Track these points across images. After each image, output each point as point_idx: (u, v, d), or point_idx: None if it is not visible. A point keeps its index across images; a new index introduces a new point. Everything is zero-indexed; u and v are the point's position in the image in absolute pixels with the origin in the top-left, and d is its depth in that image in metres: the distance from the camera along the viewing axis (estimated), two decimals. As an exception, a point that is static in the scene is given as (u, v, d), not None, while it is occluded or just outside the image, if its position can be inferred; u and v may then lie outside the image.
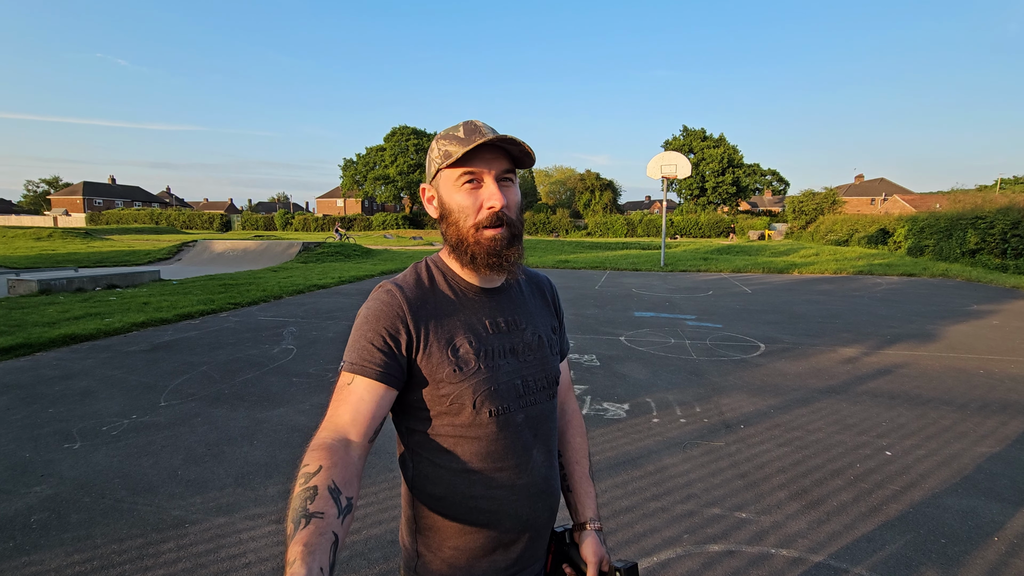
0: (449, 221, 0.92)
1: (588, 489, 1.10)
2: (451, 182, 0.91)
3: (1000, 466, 3.16)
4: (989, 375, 5.04)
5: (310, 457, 0.77)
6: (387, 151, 54.40)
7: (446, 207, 0.92)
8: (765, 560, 2.31)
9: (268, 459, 3.25)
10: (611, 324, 7.58)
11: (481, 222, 0.90)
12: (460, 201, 0.90)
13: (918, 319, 7.94)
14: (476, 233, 0.90)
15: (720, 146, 47.86)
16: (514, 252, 0.93)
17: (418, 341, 0.90)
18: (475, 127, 0.90)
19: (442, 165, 0.90)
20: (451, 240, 0.93)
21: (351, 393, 0.86)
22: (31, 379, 4.79)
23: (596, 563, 1.02)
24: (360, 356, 0.88)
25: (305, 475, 0.74)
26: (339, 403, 0.86)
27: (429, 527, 0.95)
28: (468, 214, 0.90)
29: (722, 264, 16.91)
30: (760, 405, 4.22)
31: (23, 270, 14.92)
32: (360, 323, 0.91)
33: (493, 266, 0.92)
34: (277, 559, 2.30)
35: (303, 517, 0.67)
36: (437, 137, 0.94)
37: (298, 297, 10.04)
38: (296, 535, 0.65)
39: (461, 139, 0.89)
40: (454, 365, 0.90)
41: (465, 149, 0.86)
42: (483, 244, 0.90)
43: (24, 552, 2.33)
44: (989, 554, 2.34)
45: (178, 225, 52.63)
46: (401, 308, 0.91)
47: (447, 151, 0.90)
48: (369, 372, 0.87)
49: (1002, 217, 15.22)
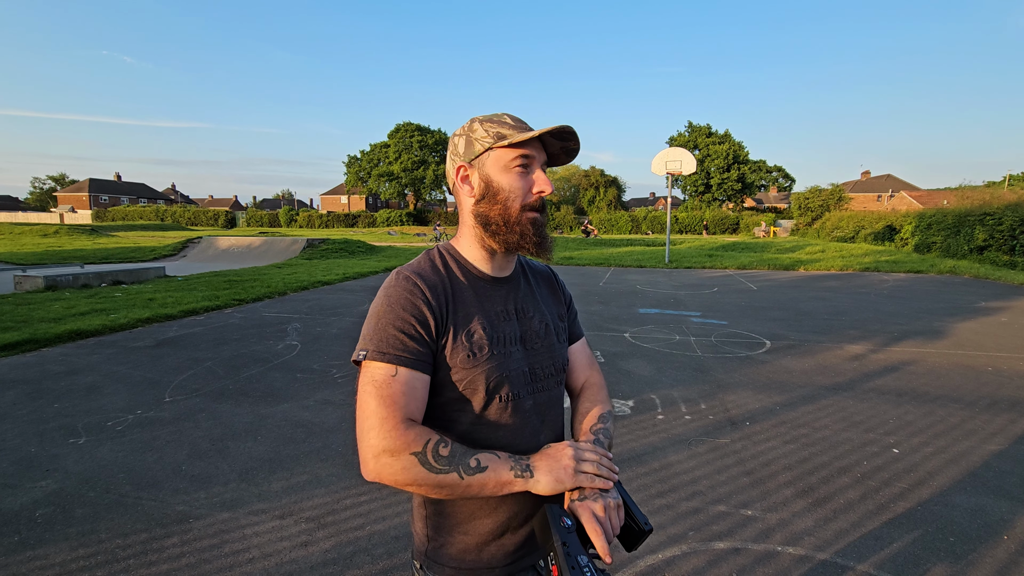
0: (497, 199, 0.94)
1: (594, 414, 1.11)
2: (503, 163, 0.93)
3: (1009, 464, 3.13)
4: (998, 372, 4.99)
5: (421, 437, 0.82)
6: (391, 148, 54.34)
7: (494, 186, 0.94)
8: (771, 558, 2.29)
9: (272, 455, 3.25)
10: (616, 321, 7.55)
11: (530, 203, 0.94)
12: (511, 182, 0.93)
13: (925, 316, 7.88)
14: (522, 213, 0.94)
15: (725, 142, 47.59)
16: (550, 236, 0.99)
17: (442, 327, 0.92)
18: (519, 120, 0.96)
19: (494, 144, 0.93)
20: (496, 219, 0.95)
21: (402, 383, 0.86)
22: (37, 374, 4.81)
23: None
24: (394, 347, 0.87)
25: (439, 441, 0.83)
26: (394, 395, 0.85)
27: (439, 512, 0.97)
28: (518, 195, 0.93)
29: (727, 261, 16.83)
30: (766, 402, 4.19)
31: (29, 266, 15.01)
32: (384, 311, 0.90)
33: (539, 245, 0.96)
34: (281, 554, 2.29)
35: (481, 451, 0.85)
36: (478, 120, 0.96)
37: (302, 293, 10.06)
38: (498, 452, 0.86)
39: (512, 125, 0.94)
40: (468, 351, 0.92)
41: (529, 134, 0.90)
42: (530, 224, 0.95)
43: (29, 546, 2.34)
44: (998, 553, 2.31)
45: (183, 222, 52.83)
46: (424, 294, 0.91)
47: (499, 133, 0.93)
48: (410, 362, 0.87)
49: (1011, 213, 15.06)
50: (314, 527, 2.50)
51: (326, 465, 3.12)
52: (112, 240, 26.68)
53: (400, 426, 0.82)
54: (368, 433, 0.82)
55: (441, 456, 0.81)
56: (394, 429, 0.81)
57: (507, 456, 0.85)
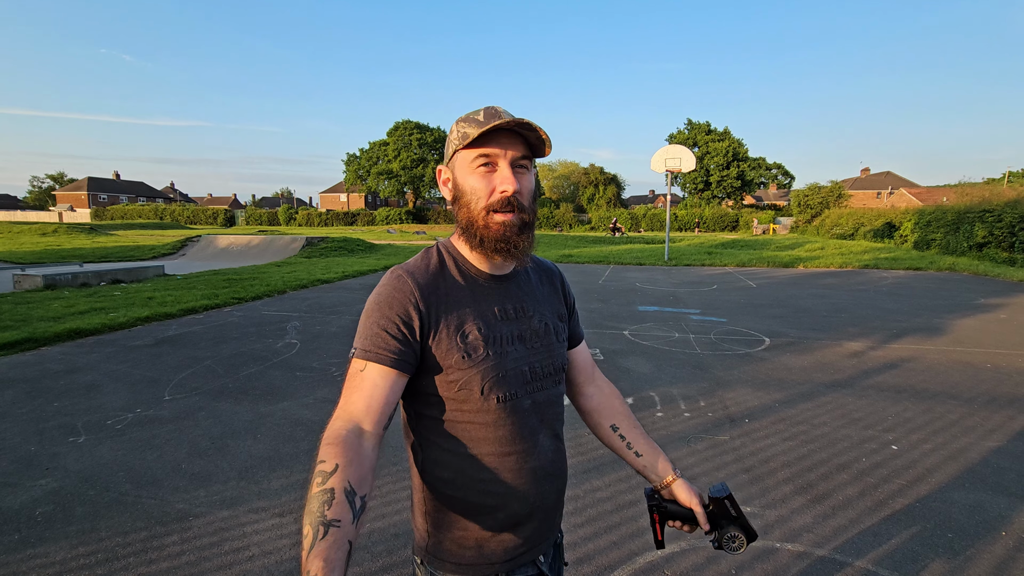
0: (461, 203, 0.92)
1: (655, 447, 1.13)
2: (466, 164, 0.91)
3: (1008, 460, 3.14)
4: (996, 369, 4.99)
5: (326, 452, 0.78)
6: (390, 146, 54.25)
7: (459, 188, 0.93)
8: (770, 554, 2.29)
9: (272, 453, 3.25)
10: (615, 318, 7.56)
11: (492, 205, 0.89)
12: (473, 183, 0.90)
13: (925, 313, 7.88)
14: (486, 216, 0.90)
15: (725, 139, 47.57)
16: (524, 240, 0.92)
17: (429, 326, 0.91)
18: (495, 112, 0.90)
19: (459, 146, 0.90)
20: (462, 222, 0.93)
21: (364, 380, 0.86)
22: (36, 373, 4.81)
23: (698, 503, 1.07)
24: (372, 342, 0.88)
25: (322, 473, 0.75)
26: (352, 391, 0.86)
27: (440, 510, 0.96)
28: (480, 196, 0.90)
29: (726, 258, 16.84)
30: (765, 399, 4.20)
31: (28, 265, 14.99)
32: (371, 309, 0.91)
33: (501, 251, 0.92)
34: (281, 552, 2.30)
35: (321, 525, 0.69)
36: (457, 120, 0.94)
37: (301, 292, 10.06)
38: (315, 547, 0.67)
39: (480, 122, 0.89)
40: (463, 351, 0.91)
41: (481, 130, 0.86)
42: (492, 228, 0.90)
43: (30, 544, 2.34)
44: (997, 549, 2.32)
45: (182, 220, 52.76)
46: (413, 293, 0.90)
47: (465, 132, 0.90)
48: (382, 359, 0.87)
49: (1010, 210, 15.06)
50: (314, 525, 2.50)
51: (326, 463, 3.12)
52: (111, 239, 26.65)
53: (335, 425, 0.82)
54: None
55: (310, 490, 0.74)
56: (329, 426, 0.83)
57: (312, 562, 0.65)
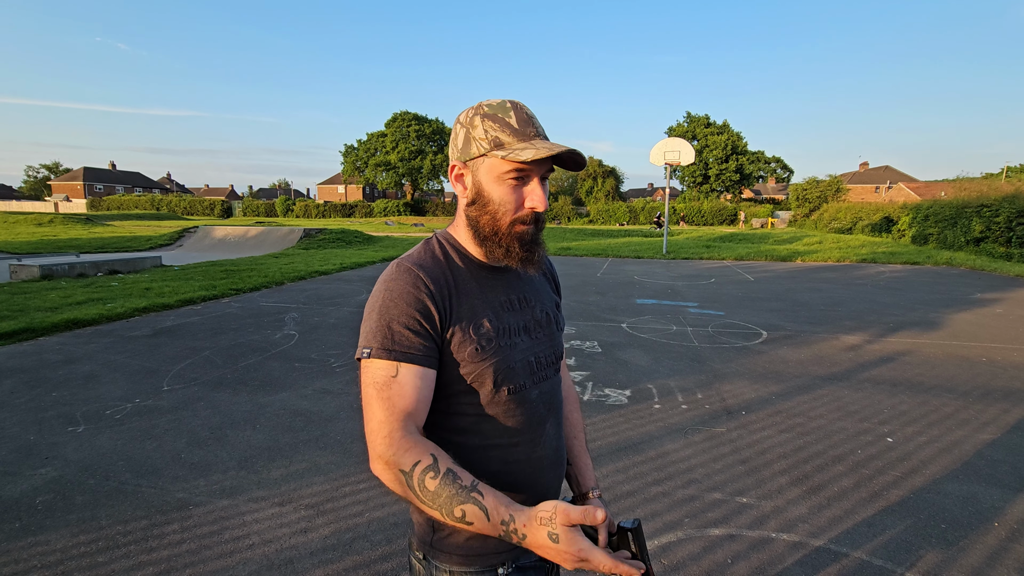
0: (486, 210, 0.90)
1: (587, 461, 1.16)
2: (497, 173, 0.87)
3: (1001, 453, 3.17)
4: (992, 363, 5.03)
5: (414, 454, 0.79)
6: (388, 137, 54.01)
7: (484, 195, 0.89)
8: (766, 544, 2.32)
9: (271, 443, 3.26)
10: (613, 311, 7.57)
11: (520, 218, 0.89)
12: (503, 195, 0.88)
13: (921, 307, 7.92)
14: (511, 227, 0.89)
15: (724, 133, 47.47)
16: (542, 248, 0.95)
17: (446, 319, 0.89)
18: (527, 117, 0.88)
19: (490, 152, 0.87)
20: (484, 228, 0.91)
21: (403, 385, 0.83)
22: (34, 363, 4.81)
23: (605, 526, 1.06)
24: (396, 342, 0.84)
25: (430, 468, 0.78)
26: (392, 397, 0.82)
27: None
28: (508, 209, 0.88)
29: (725, 252, 16.85)
30: (762, 392, 4.22)
31: (25, 255, 14.93)
32: (386, 305, 0.86)
33: (525, 260, 0.92)
34: (280, 540, 2.31)
35: (474, 492, 0.77)
36: (481, 114, 0.88)
37: (299, 283, 10.04)
38: (487, 501, 0.76)
39: (516, 130, 0.86)
40: (476, 344, 0.89)
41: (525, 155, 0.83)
42: (517, 239, 0.90)
43: (30, 532, 2.36)
44: (989, 539, 2.35)
45: (179, 211, 52.55)
46: (427, 287, 0.88)
47: (498, 138, 0.86)
48: (414, 358, 0.84)
49: (1007, 205, 15.08)
50: (313, 514, 2.52)
51: (325, 453, 3.13)
52: (108, 229, 26.53)
53: (396, 434, 0.80)
54: (371, 436, 0.82)
55: (427, 488, 0.77)
56: (389, 437, 0.80)
57: (499, 512, 0.75)
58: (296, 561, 2.19)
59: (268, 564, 2.17)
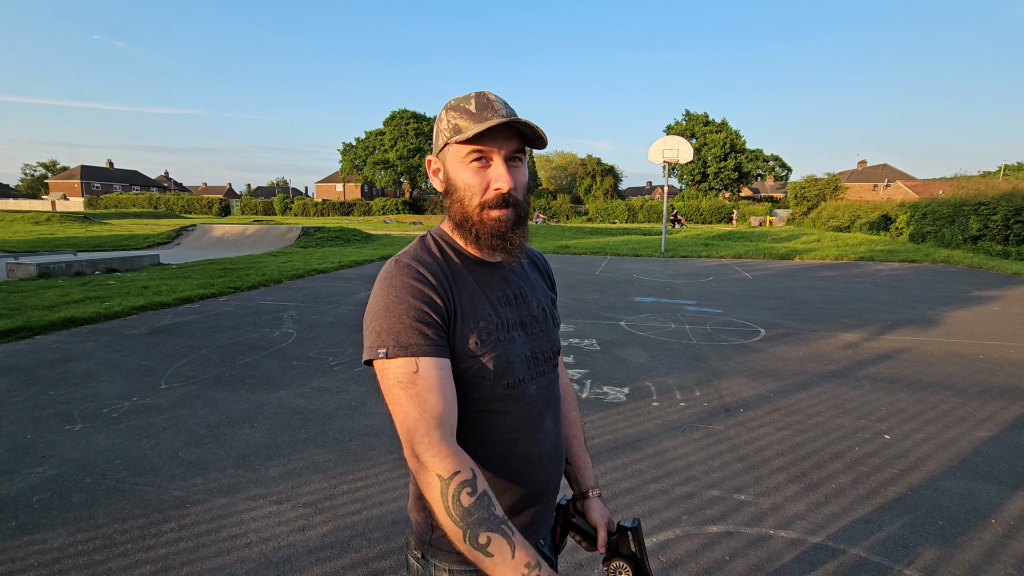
0: (454, 198, 0.90)
1: (586, 460, 1.16)
2: (459, 158, 0.88)
3: (999, 450, 3.17)
4: (989, 360, 5.04)
5: (452, 463, 0.78)
6: (386, 135, 53.89)
7: (452, 183, 0.90)
8: (764, 541, 2.32)
9: (269, 441, 3.26)
10: (611, 309, 7.57)
11: (487, 202, 0.88)
12: (467, 179, 0.88)
13: (919, 305, 7.93)
14: (481, 213, 0.88)
15: (722, 131, 47.43)
16: (519, 234, 0.92)
17: (451, 313, 0.89)
18: (487, 101, 0.87)
19: (450, 139, 0.88)
20: (456, 217, 0.92)
21: (428, 379, 0.82)
22: (31, 362, 4.79)
23: (605, 525, 1.08)
24: (411, 338, 0.83)
25: (467, 483, 0.77)
26: (421, 393, 0.81)
27: None
28: (474, 193, 0.88)
29: (723, 250, 16.86)
30: (760, 389, 4.22)
31: (22, 254, 14.88)
32: (392, 303, 0.85)
33: (497, 247, 0.91)
34: (278, 539, 2.31)
35: (503, 525, 0.76)
36: (447, 106, 0.90)
37: (298, 281, 10.03)
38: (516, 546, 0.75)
39: (472, 114, 0.86)
40: (476, 339, 0.89)
41: (477, 128, 0.83)
42: (488, 224, 0.89)
43: (27, 531, 2.35)
44: (986, 536, 2.36)
45: (177, 209, 52.40)
46: (430, 281, 0.87)
47: (456, 125, 0.87)
48: (431, 351, 0.83)
49: (1005, 203, 15.11)
50: (311, 512, 2.51)
51: (323, 451, 3.13)
52: (105, 228, 26.45)
53: (435, 435, 0.79)
54: (408, 435, 0.80)
55: (460, 504, 0.76)
56: (427, 436, 0.79)
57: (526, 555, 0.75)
58: (294, 559, 2.19)
59: (266, 562, 2.17)
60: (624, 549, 1.03)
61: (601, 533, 1.07)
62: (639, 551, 1.02)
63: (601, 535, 1.07)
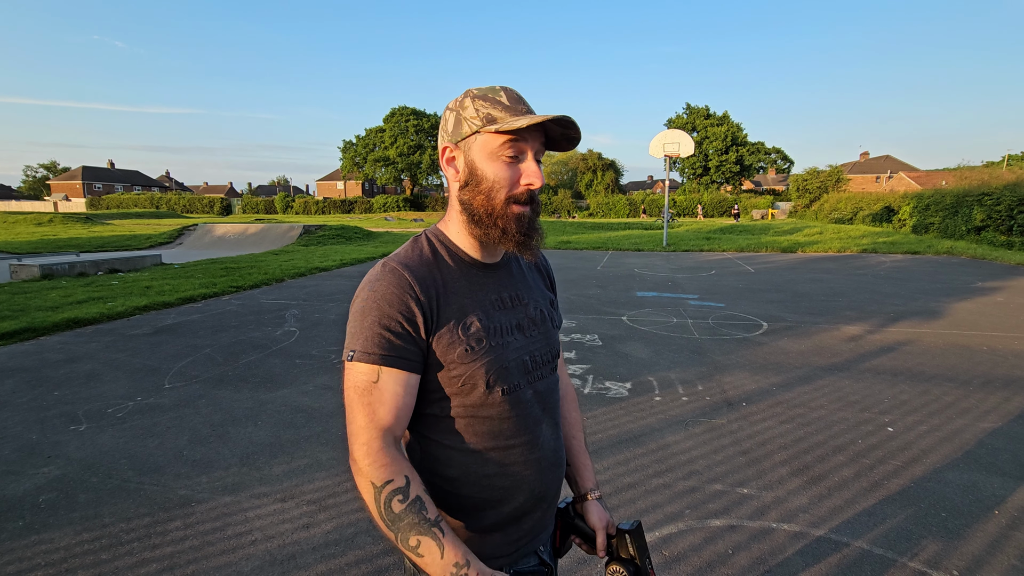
0: (479, 189, 0.87)
1: (586, 461, 1.14)
2: (489, 149, 0.85)
3: (1002, 441, 3.17)
4: (993, 352, 5.02)
5: (386, 472, 0.80)
6: (387, 132, 53.79)
7: (478, 174, 0.87)
8: (767, 534, 2.32)
9: (272, 439, 3.27)
10: (613, 304, 7.57)
11: (515, 196, 0.87)
12: (497, 172, 0.86)
13: (922, 297, 7.90)
14: (506, 207, 0.87)
15: (724, 124, 47.24)
16: (540, 233, 0.92)
17: (432, 321, 0.86)
18: (518, 96, 0.87)
19: (482, 128, 0.84)
20: (478, 210, 0.88)
21: (383, 392, 0.83)
22: (36, 362, 4.82)
23: (603, 528, 1.06)
24: (378, 345, 0.83)
25: (399, 491, 0.80)
26: (374, 404, 0.82)
27: (440, 506, 0.93)
28: (503, 186, 0.86)
29: (725, 244, 16.82)
30: (762, 383, 4.22)
31: (25, 255, 14.94)
32: (368, 308, 0.84)
33: (522, 243, 0.89)
34: (283, 536, 2.32)
35: (433, 527, 0.80)
36: (471, 95, 0.87)
37: (300, 280, 10.04)
38: (446, 544, 0.79)
39: (506, 106, 0.85)
40: (466, 344, 0.87)
41: (528, 120, 0.80)
42: (513, 220, 0.87)
43: (34, 531, 2.37)
44: (990, 527, 2.35)
45: (178, 209, 52.47)
46: (412, 288, 0.85)
47: (490, 115, 0.84)
48: (395, 362, 0.83)
49: (1009, 193, 15.02)
50: (315, 510, 2.53)
51: (326, 449, 3.14)
52: (107, 228, 26.51)
53: (374, 444, 0.81)
54: (351, 439, 0.83)
55: (391, 510, 0.78)
56: (367, 445, 0.81)
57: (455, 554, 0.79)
58: (298, 556, 2.20)
59: (271, 560, 2.18)
60: (622, 553, 1.01)
61: (600, 536, 1.05)
62: (638, 554, 1.00)
63: (600, 538, 1.05)
